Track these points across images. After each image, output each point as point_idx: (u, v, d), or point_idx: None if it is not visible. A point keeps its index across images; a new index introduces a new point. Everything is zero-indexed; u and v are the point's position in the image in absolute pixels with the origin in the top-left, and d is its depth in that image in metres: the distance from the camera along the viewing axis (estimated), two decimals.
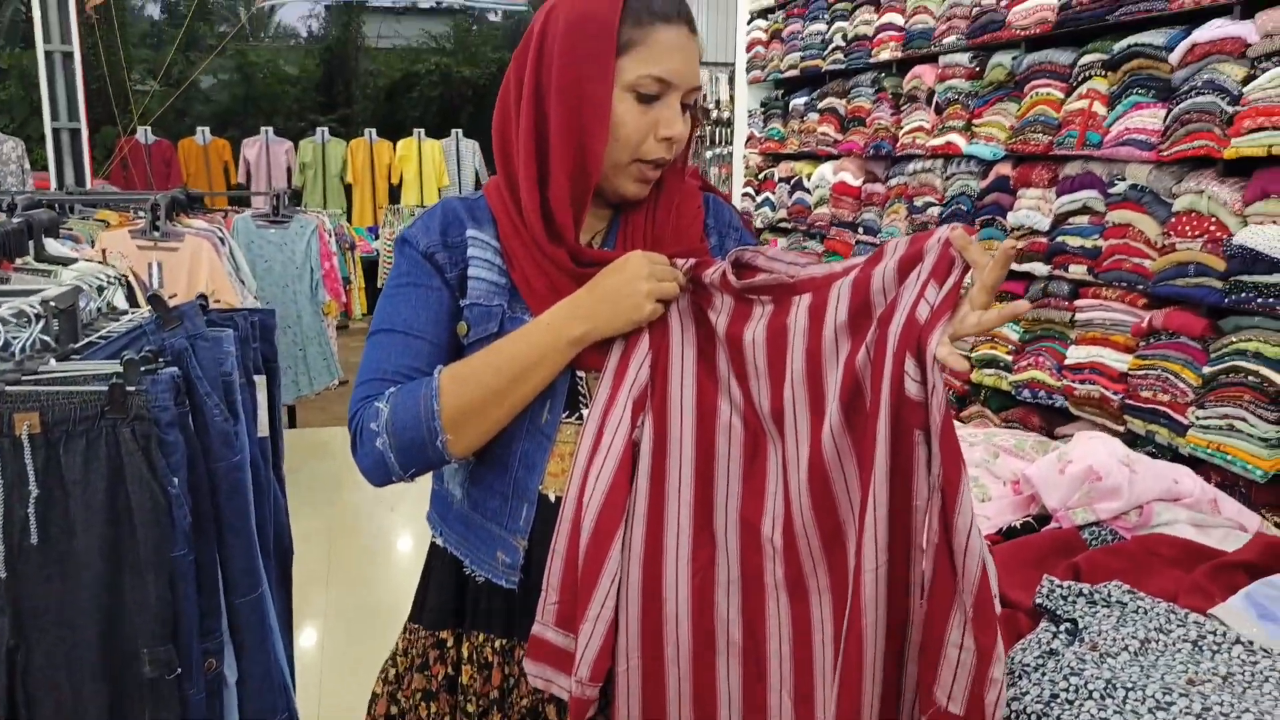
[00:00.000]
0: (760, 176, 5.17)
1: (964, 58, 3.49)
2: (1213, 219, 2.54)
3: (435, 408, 1.07)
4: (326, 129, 9.46)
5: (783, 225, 4.89)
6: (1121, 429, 2.83)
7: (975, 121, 3.44)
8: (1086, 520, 1.41)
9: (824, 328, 1.02)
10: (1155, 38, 2.68)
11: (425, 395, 1.08)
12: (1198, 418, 2.56)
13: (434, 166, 9.37)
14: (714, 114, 7.47)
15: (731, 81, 6.82)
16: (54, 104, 8.01)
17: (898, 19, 3.89)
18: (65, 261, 2.99)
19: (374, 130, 9.48)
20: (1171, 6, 2.63)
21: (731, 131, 6.53)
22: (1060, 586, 1.21)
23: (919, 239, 0.97)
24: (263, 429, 1.82)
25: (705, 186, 1.32)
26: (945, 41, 3.58)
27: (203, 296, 1.67)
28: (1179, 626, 1.13)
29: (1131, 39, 2.75)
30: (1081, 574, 1.27)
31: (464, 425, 1.08)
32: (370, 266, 8.41)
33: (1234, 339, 2.48)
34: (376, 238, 8.74)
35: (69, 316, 1.52)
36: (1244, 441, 2.44)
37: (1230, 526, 1.42)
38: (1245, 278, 2.44)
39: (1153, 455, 2.76)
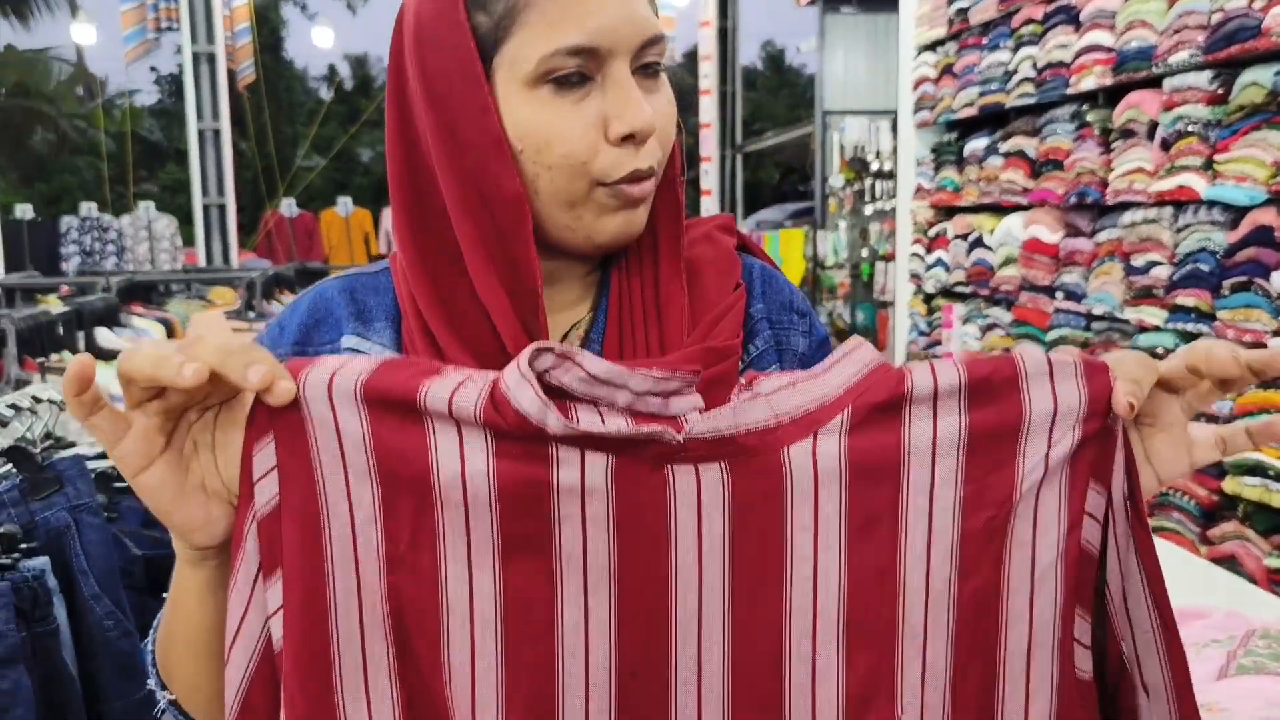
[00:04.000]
0: (931, 233, 4.48)
1: (1201, 78, 2.76)
2: None
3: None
4: None
5: (959, 289, 4.19)
6: None
7: (1219, 158, 2.70)
8: None
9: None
10: None
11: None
12: None
13: None
14: (873, 166, 6.81)
15: (894, 129, 6.17)
16: (204, 180, 8.10)
17: (1105, 38, 3.18)
18: (113, 356, 2.63)
19: None
20: None
21: (894, 184, 5.86)
22: None
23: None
24: None
25: (746, 245, 0.88)
26: (1173, 60, 2.86)
27: None
28: None
29: None
30: None
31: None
32: None
33: None
34: None
35: None
36: None
37: None
38: None
39: None
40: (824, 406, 0.58)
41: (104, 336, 2.67)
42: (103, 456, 1.21)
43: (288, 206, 8.30)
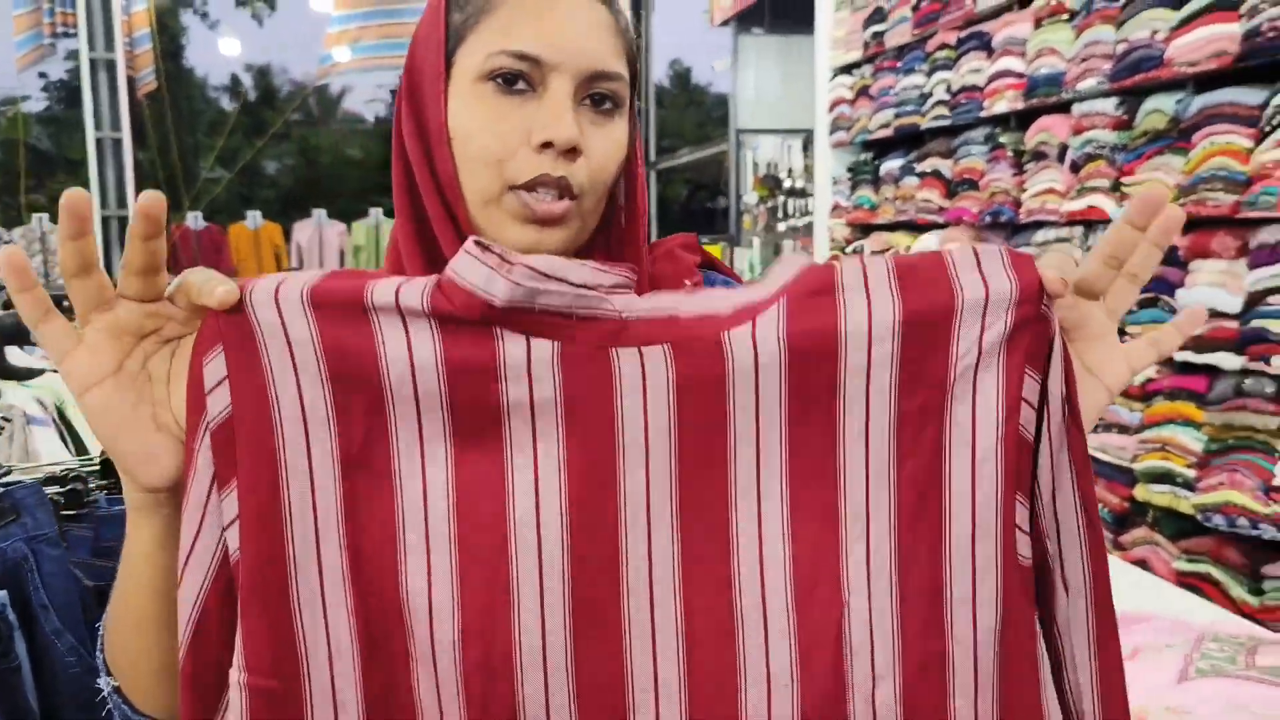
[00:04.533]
0: (849, 250, 4.58)
1: (1108, 104, 2.89)
2: None
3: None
4: (381, 210, 9.15)
5: None
6: None
7: (1126, 180, 2.83)
8: None
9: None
10: None
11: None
12: None
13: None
14: (786, 184, 6.93)
15: (806, 149, 6.29)
16: (104, 191, 7.81)
17: (1017, 64, 3.31)
18: (28, 374, 2.52)
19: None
20: None
21: (805, 201, 5.97)
22: None
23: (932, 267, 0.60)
24: None
25: (709, 262, 0.88)
26: (1082, 86, 2.99)
27: None
28: None
29: None
30: None
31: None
32: None
33: None
34: None
35: None
36: None
37: None
38: None
39: None
40: (762, 300, 0.60)
41: (14, 355, 2.55)
42: (49, 482, 1.17)
43: (194, 219, 8.04)
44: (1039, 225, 3.23)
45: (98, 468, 1.31)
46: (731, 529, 0.61)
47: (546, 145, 0.71)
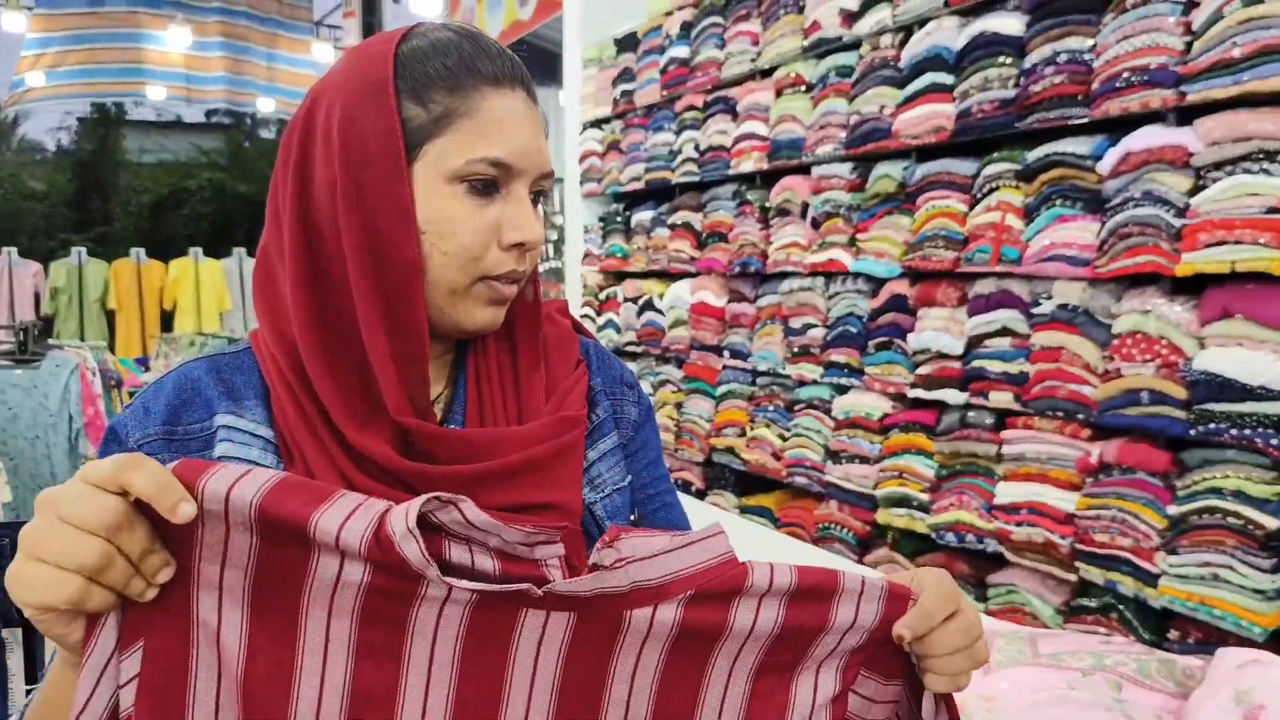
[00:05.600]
0: (601, 296, 4.75)
1: (843, 168, 3.22)
2: (1163, 340, 2.30)
3: None
4: (84, 249, 8.37)
5: (631, 349, 4.47)
6: (1073, 578, 2.51)
7: (860, 236, 3.16)
8: None
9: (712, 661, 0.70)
10: (1078, 146, 2.46)
11: None
12: (1170, 565, 2.26)
13: (214, 289, 8.43)
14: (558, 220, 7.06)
15: (553, 196, 6.45)
16: None
17: (760, 128, 3.60)
18: None
19: (142, 250, 8.48)
20: (1095, 113, 2.42)
21: (559, 246, 6.12)
22: None
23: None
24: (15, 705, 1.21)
25: (576, 325, 1.00)
26: (819, 151, 3.31)
27: None
28: None
29: (1049, 147, 2.53)
30: None
31: None
32: None
33: (1206, 475, 2.21)
34: (147, 369, 7.68)
35: None
36: (1233, 594, 2.14)
37: None
38: (1213, 406, 2.18)
39: (1114, 609, 2.44)
40: (674, 582, 0.67)
41: None
42: None
43: None
44: (784, 275, 3.52)
45: None
46: None
47: (517, 244, 0.82)
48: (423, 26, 0.86)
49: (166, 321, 8.38)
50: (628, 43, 4.50)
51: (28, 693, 1.26)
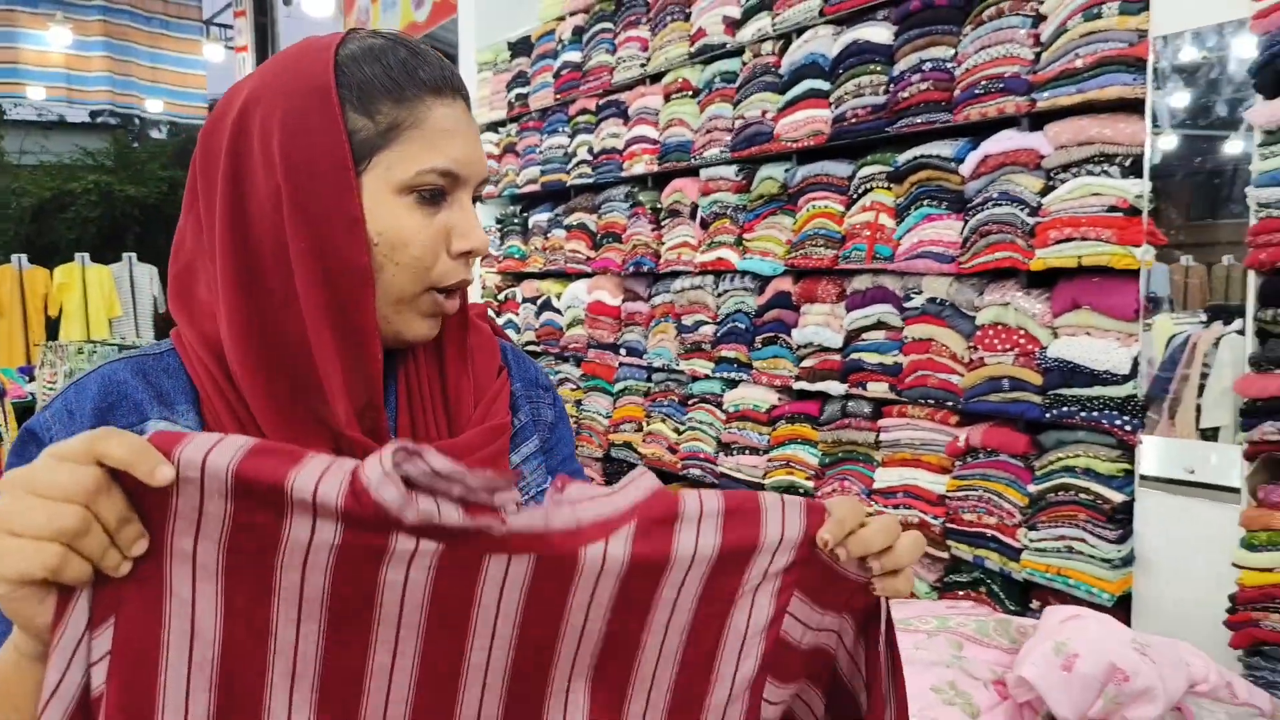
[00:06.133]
0: (501, 297, 4.80)
1: (729, 170, 3.34)
2: (1021, 331, 2.46)
3: None
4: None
5: (530, 348, 4.53)
6: (946, 555, 2.66)
7: (747, 236, 3.28)
8: None
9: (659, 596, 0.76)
10: (942, 149, 2.62)
11: None
12: (1030, 540, 2.42)
13: (102, 295, 8.17)
14: None
15: None
16: None
17: (650, 132, 3.70)
18: None
19: (24, 256, 8.18)
20: (957, 118, 2.57)
21: None
22: None
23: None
24: None
25: (495, 329, 1.02)
26: (707, 154, 3.43)
27: None
28: None
29: (917, 150, 2.68)
30: None
31: None
32: (25, 415, 7.07)
33: (1060, 455, 2.38)
34: (31, 379, 7.41)
35: None
36: (1085, 564, 2.31)
37: (1257, 714, 1.17)
38: (1065, 391, 2.35)
39: (983, 583, 2.61)
40: (617, 517, 0.73)
41: None
42: None
43: None
44: (676, 274, 3.63)
45: None
46: (549, 688, 0.75)
47: (466, 252, 0.84)
48: (359, 32, 0.86)
49: (52, 329, 8.10)
50: (521, 47, 4.55)
51: None
